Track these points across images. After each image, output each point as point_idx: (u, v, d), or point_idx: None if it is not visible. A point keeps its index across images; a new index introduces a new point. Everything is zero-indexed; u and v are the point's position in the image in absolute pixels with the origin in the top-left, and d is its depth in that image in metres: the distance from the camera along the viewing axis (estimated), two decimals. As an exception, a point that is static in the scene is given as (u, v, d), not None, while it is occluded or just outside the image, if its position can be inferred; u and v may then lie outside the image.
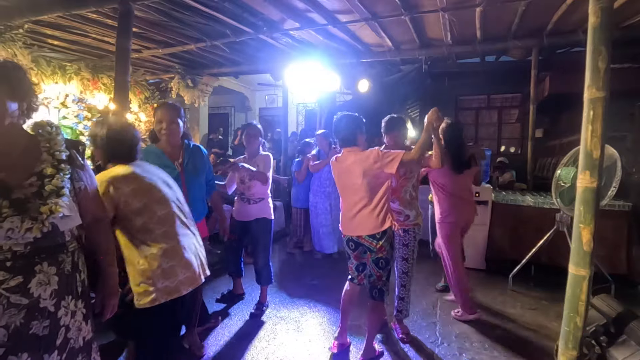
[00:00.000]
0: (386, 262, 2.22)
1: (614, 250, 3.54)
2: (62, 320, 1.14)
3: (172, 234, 1.62)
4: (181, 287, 1.59)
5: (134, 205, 1.53)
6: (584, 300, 1.62)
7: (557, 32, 4.33)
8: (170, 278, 1.55)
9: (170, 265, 1.56)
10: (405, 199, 2.55)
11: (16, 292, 1.04)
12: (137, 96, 6.08)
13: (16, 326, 1.03)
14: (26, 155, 1.16)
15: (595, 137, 1.57)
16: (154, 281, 1.52)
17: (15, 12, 3.62)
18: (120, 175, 1.54)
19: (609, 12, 1.54)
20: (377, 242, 2.17)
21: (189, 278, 1.63)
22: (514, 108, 7.12)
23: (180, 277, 1.59)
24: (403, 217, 2.55)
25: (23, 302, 1.05)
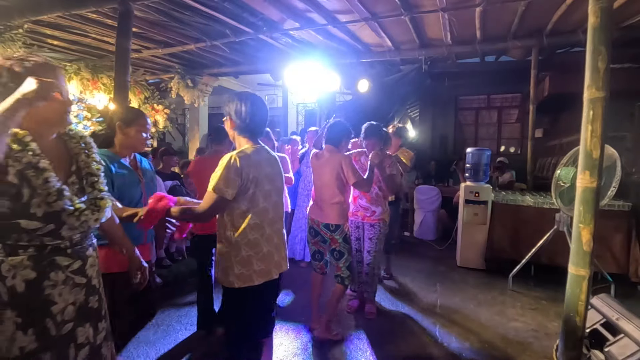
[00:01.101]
0: (340, 254, 2.55)
1: (614, 250, 3.54)
2: (102, 294, 1.34)
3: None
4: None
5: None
6: (583, 300, 1.62)
7: (557, 32, 4.34)
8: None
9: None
10: (372, 197, 2.90)
11: (77, 273, 1.22)
12: (137, 96, 6.09)
13: (80, 302, 1.23)
14: (61, 155, 1.27)
15: (595, 137, 1.57)
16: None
17: (15, 12, 3.62)
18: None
19: (608, 12, 1.55)
20: (330, 233, 2.51)
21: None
22: (513, 108, 7.13)
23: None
24: (370, 213, 2.90)
25: (83, 281, 1.24)
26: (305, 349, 2.49)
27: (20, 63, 1.15)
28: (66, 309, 1.18)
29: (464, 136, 7.52)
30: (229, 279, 1.57)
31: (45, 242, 1.14)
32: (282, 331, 2.72)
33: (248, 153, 1.55)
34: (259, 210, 1.59)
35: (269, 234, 1.64)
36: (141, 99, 6.20)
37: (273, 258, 1.65)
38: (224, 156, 1.54)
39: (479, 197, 4.07)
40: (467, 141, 7.30)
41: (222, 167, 1.49)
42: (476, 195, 4.08)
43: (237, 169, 1.48)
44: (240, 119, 1.60)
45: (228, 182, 1.48)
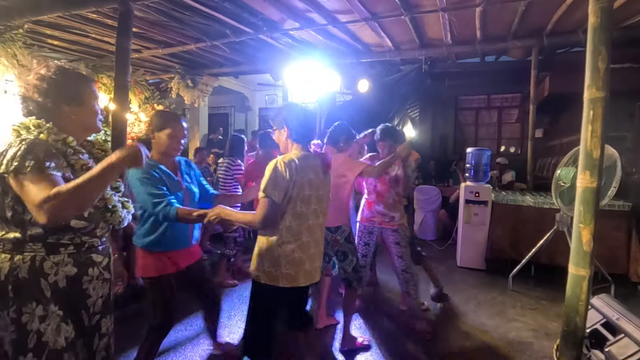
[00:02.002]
0: (344, 255, 2.45)
1: (614, 250, 3.54)
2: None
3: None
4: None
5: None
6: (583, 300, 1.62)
7: (557, 32, 4.33)
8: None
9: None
10: (389, 202, 2.76)
11: (106, 269, 1.33)
12: (137, 96, 6.09)
13: (105, 296, 1.33)
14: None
15: (595, 137, 1.57)
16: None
17: (15, 12, 3.62)
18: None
19: (608, 12, 1.54)
20: (330, 234, 2.42)
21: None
22: (513, 108, 7.13)
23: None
24: (388, 219, 2.76)
25: (108, 277, 1.35)
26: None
27: (62, 71, 1.26)
28: (97, 302, 1.30)
29: (464, 136, 7.52)
30: (257, 273, 1.64)
31: (84, 240, 1.25)
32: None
33: (293, 158, 1.63)
34: (296, 213, 1.62)
35: (305, 241, 1.66)
36: (141, 99, 6.20)
37: (303, 266, 1.65)
38: (271, 162, 1.63)
39: (479, 197, 4.07)
40: (467, 141, 7.30)
41: (269, 172, 1.59)
42: (476, 195, 4.08)
43: (282, 172, 1.57)
44: (293, 128, 1.72)
45: (275, 185, 1.56)
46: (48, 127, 1.20)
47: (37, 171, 1.09)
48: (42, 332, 1.16)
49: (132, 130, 6.14)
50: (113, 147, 2.82)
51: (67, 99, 1.26)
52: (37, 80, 1.23)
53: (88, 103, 1.32)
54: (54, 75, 1.24)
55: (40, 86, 1.22)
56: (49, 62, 1.28)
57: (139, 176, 1.74)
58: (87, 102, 1.32)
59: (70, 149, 1.24)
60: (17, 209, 1.16)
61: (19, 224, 1.17)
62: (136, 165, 1.19)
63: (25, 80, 1.24)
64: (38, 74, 1.23)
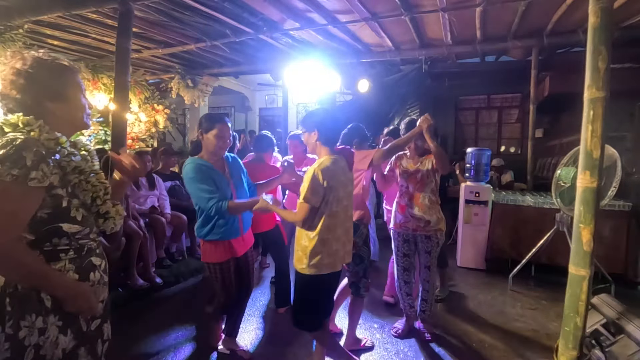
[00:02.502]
0: (360, 258, 2.35)
1: (614, 250, 3.53)
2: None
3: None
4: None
5: None
6: (584, 300, 1.62)
7: (557, 32, 4.33)
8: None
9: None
10: (425, 204, 2.51)
11: (104, 272, 1.28)
12: (137, 96, 6.09)
13: (105, 300, 1.27)
14: None
15: (595, 137, 1.57)
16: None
17: (15, 12, 3.62)
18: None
19: (608, 12, 1.54)
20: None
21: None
22: (514, 108, 7.13)
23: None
24: (423, 223, 2.51)
25: (106, 280, 1.29)
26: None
27: (40, 63, 1.13)
28: (97, 306, 1.22)
29: (464, 136, 7.52)
30: (302, 267, 1.86)
31: (81, 244, 1.18)
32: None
33: (327, 165, 1.80)
34: (332, 213, 1.82)
35: (339, 234, 1.88)
36: (141, 99, 6.20)
37: (339, 254, 1.90)
38: (308, 170, 1.81)
39: (480, 197, 4.07)
40: (467, 141, 7.30)
41: (308, 181, 1.76)
42: (476, 196, 4.08)
43: (320, 181, 1.76)
44: (323, 132, 1.88)
45: (314, 193, 1.75)
46: (39, 124, 1.08)
47: (18, 184, 0.99)
48: (41, 345, 1.08)
49: (132, 130, 6.15)
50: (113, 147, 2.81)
51: (49, 94, 1.14)
52: (13, 76, 1.09)
53: (73, 98, 1.20)
54: (31, 68, 1.10)
55: (17, 82, 1.09)
56: (24, 54, 1.13)
57: (192, 176, 1.95)
58: (72, 97, 1.20)
59: (64, 150, 1.13)
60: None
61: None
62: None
63: (0, 76, 1.10)
64: (13, 68, 1.09)
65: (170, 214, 3.97)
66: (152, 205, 3.86)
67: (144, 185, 3.84)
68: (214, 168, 2.03)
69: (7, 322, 1.05)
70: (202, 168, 1.98)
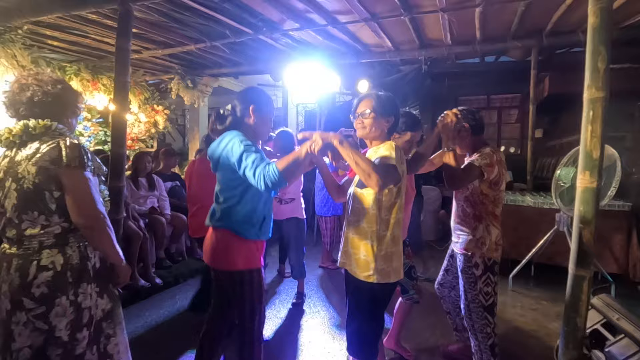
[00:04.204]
0: (413, 269, 2.30)
1: (614, 250, 3.54)
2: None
3: None
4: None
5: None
6: (584, 300, 1.62)
7: (557, 32, 4.33)
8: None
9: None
10: (459, 215, 2.23)
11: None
12: (137, 97, 6.09)
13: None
14: None
15: (594, 137, 1.57)
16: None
17: (14, 12, 3.62)
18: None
19: (608, 12, 1.54)
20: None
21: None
22: (513, 108, 7.13)
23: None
24: (456, 238, 2.27)
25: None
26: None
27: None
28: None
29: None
30: (369, 273, 1.52)
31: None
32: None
33: (399, 146, 1.57)
34: (400, 206, 1.55)
35: (400, 234, 1.60)
36: (141, 100, 6.20)
37: (401, 257, 1.61)
38: (387, 143, 1.58)
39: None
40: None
41: (393, 150, 1.50)
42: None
43: (400, 157, 1.51)
44: (396, 122, 1.71)
45: (402, 161, 1.52)
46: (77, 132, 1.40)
47: (91, 172, 1.38)
48: (90, 307, 1.38)
49: (132, 130, 6.15)
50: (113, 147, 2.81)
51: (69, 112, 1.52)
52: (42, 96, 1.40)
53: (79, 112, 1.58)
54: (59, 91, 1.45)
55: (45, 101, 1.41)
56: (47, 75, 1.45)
57: (242, 141, 1.55)
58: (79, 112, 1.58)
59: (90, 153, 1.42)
60: (62, 200, 1.32)
61: (63, 214, 1.33)
62: None
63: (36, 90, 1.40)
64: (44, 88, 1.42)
65: (170, 214, 3.97)
66: (152, 206, 3.86)
67: (143, 185, 3.84)
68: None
69: (69, 291, 1.33)
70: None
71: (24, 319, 1.26)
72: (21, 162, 1.30)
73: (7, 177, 1.32)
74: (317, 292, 3.45)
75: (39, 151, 1.29)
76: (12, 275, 1.27)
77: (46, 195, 1.29)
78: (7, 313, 1.28)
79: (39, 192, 1.28)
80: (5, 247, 1.34)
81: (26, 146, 1.33)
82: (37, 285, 1.26)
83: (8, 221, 1.32)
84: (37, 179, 1.27)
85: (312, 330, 2.77)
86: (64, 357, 1.30)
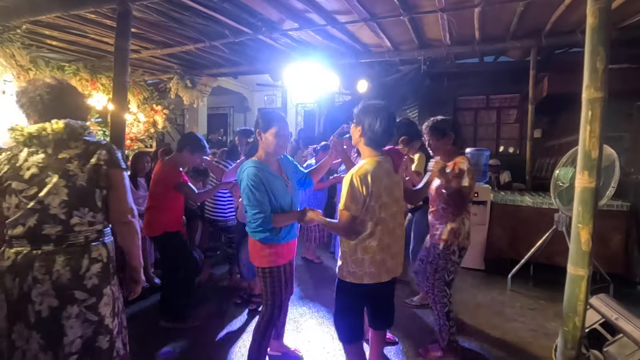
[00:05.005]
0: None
1: (613, 250, 3.54)
2: None
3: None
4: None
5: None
6: (582, 300, 1.62)
7: (556, 32, 4.34)
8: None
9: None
10: (438, 212, 2.40)
11: None
12: (135, 96, 6.09)
13: None
14: None
15: (593, 137, 1.57)
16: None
17: (13, 12, 3.61)
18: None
19: (607, 13, 1.55)
20: None
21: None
22: (512, 108, 7.14)
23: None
24: (434, 231, 2.44)
25: None
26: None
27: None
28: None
29: (463, 136, 7.49)
30: (343, 272, 1.76)
31: None
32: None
33: (367, 169, 1.65)
34: (377, 220, 1.69)
35: (387, 243, 1.73)
36: (140, 100, 6.20)
37: (385, 265, 1.74)
38: (346, 176, 1.68)
39: (478, 198, 4.07)
40: (466, 141, 7.30)
41: (346, 187, 1.65)
42: (475, 196, 4.08)
43: (358, 188, 1.63)
44: (371, 132, 1.70)
45: (352, 200, 1.63)
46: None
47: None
48: (118, 297, 1.47)
49: (131, 130, 6.14)
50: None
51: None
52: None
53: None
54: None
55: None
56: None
57: (249, 183, 1.82)
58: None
59: None
60: (106, 198, 1.41)
61: (105, 211, 1.42)
62: None
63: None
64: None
65: (169, 214, 3.95)
66: (151, 206, 3.84)
67: (142, 185, 3.83)
68: (272, 171, 1.91)
69: (112, 281, 1.43)
70: (259, 177, 1.83)
71: (75, 311, 1.32)
72: (71, 160, 1.34)
73: (46, 173, 1.31)
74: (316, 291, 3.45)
75: (90, 151, 1.37)
76: (59, 271, 1.29)
77: (96, 193, 1.37)
78: (55, 310, 1.29)
79: (90, 189, 1.35)
80: (28, 248, 1.30)
81: (68, 145, 1.36)
82: (89, 277, 1.34)
83: (51, 217, 1.30)
84: (90, 177, 1.35)
85: (312, 330, 2.76)
86: (111, 344, 1.40)
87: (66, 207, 1.31)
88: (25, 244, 1.30)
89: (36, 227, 1.30)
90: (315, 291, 3.50)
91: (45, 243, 1.30)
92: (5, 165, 1.33)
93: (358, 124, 1.74)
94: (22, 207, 1.30)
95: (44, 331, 1.30)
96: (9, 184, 1.31)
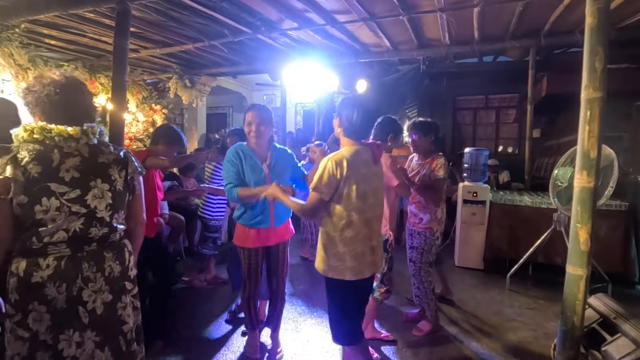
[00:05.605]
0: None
1: (611, 249, 3.55)
2: None
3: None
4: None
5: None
6: (581, 299, 1.63)
7: (555, 32, 4.35)
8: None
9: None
10: (420, 203, 2.72)
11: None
12: (134, 96, 6.07)
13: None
14: None
15: (592, 137, 1.58)
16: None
17: (12, 11, 3.60)
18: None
19: (605, 13, 1.55)
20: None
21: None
22: (511, 108, 7.15)
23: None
24: (417, 220, 2.73)
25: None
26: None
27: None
28: None
29: (462, 136, 7.53)
30: (324, 268, 1.75)
31: None
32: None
33: (344, 155, 1.66)
34: (354, 208, 1.67)
35: (365, 233, 1.72)
36: (139, 99, 6.19)
37: (366, 258, 1.73)
38: (323, 160, 1.70)
39: (477, 197, 4.08)
40: (465, 141, 7.32)
41: (320, 169, 1.66)
42: (474, 195, 4.09)
43: (332, 172, 1.63)
44: (348, 123, 1.74)
45: (324, 183, 1.64)
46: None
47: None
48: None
49: (130, 130, 6.13)
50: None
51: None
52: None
53: None
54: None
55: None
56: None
57: (227, 158, 2.11)
58: None
59: None
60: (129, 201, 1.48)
61: (126, 212, 1.47)
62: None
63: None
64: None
65: (168, 214, 3.96)
66: (150, 206, 3.84)
67: (141, 185, 3.83)
68: (254, 155, 2.13)
69: (133, 290, 1.48)
70: (238, 154, 2.11)
71: (128, 300, 1.42)
72: (111, 166, 1.37)
73: (89, 176, 1.31)
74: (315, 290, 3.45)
75: (124, 158, 1.43)
76: (111, 266, 1.36)
77: (127, 197, 1.44)
78: (109, 304, 1.35)
79: (124, 193, 1.42)
80: (69, 252, 1.27)
81: (102, 150, 1.37)
82: (130, 268, 1.45)
83: (98, 220, 1.32)
84: (125, 181, 1.42)
85: (310, 330, 2.77)
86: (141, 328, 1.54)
87: (111, 210, 1.36)
88: (64, 249, 1.25)
89: (82, 230, 1.28)
90: (314, 290, 3.50)
91: (88, 244, 1.30)
92: (37, 166, 1.22)
93: (337, 116, 1.80)
94: (65, 210, 1.25)
95: (100, 328, 1.32)
96: (46, 186, 1.23)
